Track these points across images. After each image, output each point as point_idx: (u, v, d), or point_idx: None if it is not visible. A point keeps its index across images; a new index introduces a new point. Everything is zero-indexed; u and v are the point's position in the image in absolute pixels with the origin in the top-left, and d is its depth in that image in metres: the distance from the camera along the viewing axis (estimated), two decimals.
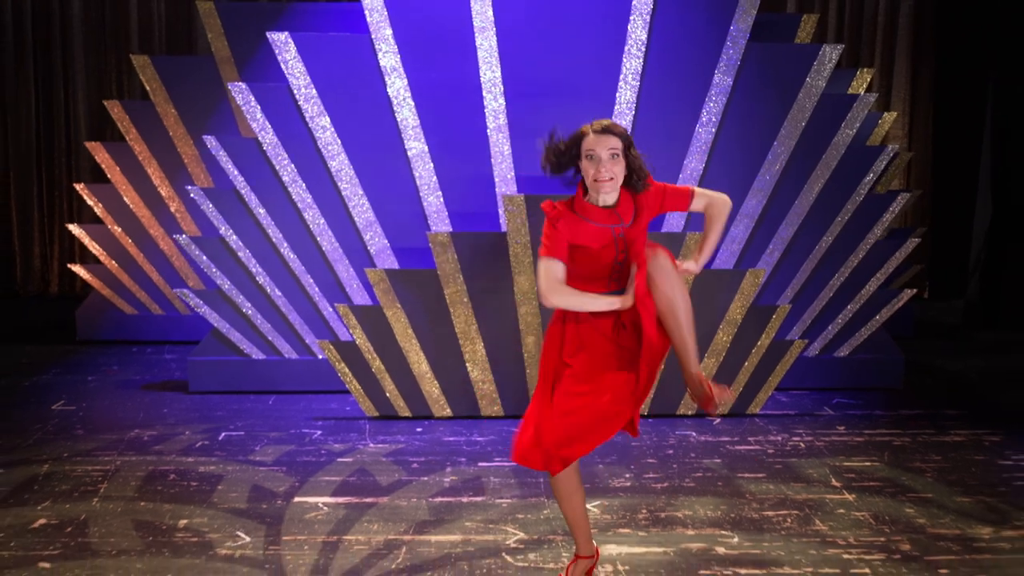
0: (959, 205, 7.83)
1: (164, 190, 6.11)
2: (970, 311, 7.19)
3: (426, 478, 3.81)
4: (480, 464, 3.99)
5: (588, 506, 3.22)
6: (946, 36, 8.04)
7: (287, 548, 3.13)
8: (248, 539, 3.20)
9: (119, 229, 6.10)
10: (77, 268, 6.26)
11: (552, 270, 2.59)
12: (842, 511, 3.49)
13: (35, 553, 3.07)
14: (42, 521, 3.32)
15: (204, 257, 4.95)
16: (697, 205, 2.79)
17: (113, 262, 6.16)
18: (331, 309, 5.02)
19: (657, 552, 3.13)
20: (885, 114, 6.03)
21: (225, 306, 5.03)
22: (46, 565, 2.99)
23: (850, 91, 5.45)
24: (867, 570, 3.01)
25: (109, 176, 6.05)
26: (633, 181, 2.64)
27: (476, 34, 4.77)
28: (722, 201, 2.79)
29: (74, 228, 6.23)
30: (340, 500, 3.56)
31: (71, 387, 5.15)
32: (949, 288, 8.03)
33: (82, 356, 5.89)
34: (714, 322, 4.65)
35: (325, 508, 3.48)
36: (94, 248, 6.16)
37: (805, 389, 5.17)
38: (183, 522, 3.34)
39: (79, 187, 6.14)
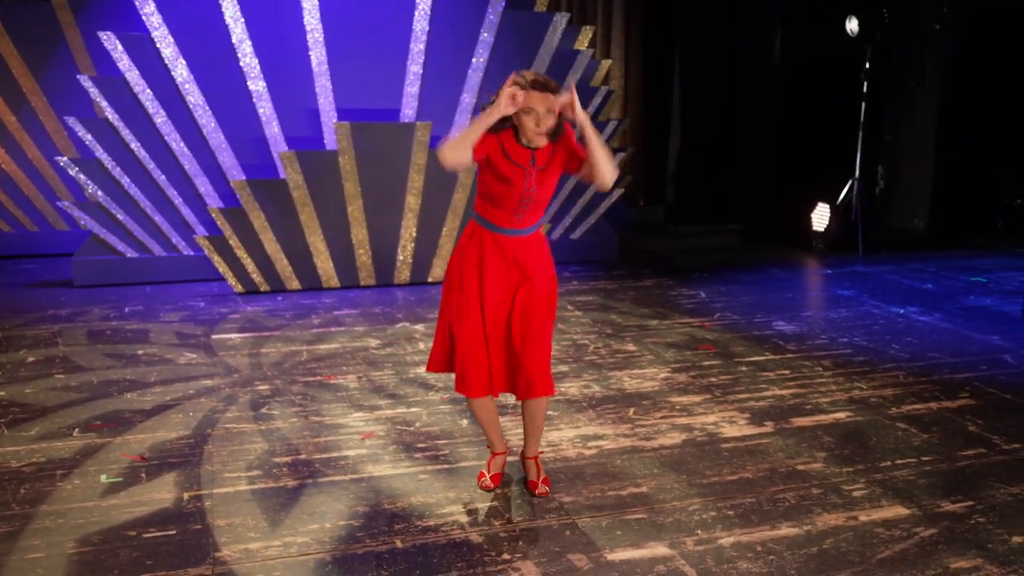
0: (661, 130, 10.63)
1: (8, 119, 7.19)
2: (667, 211, 10.04)
3: (300, 321, 5.69)
4: (334, 313, 5.92)
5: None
6: None
7: (225, 357, 4.91)
8: (195, 356, 4.93)
9: None
10: None
11: (451, 137, 2.94)
12: (573, 320, 5.84)
13: (46, 372, 4.60)
14: (32, 359, 4.82)
15: (82, 175, 6.31)
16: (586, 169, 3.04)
17: None
18: (193, 215, 6.60)
19: None
20: (603, 61, 8.45)
21: (102, 215, 6.43)
22: (60, 377, 4.55)
23: (577, 45, 7.77)
24: (587, 342, 5.35)
25: None
26: (555, 130, 3.01)
27: None
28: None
29: None
30: (247, 335, 5.35)
31: None
32: (656, 195, 10.90)
33: None
34: None
35: (238, 339, 5.26)
36: None
37: None
38: (140, 351, 4.99)
39: None
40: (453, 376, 3.28)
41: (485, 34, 6.92)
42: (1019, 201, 8.75)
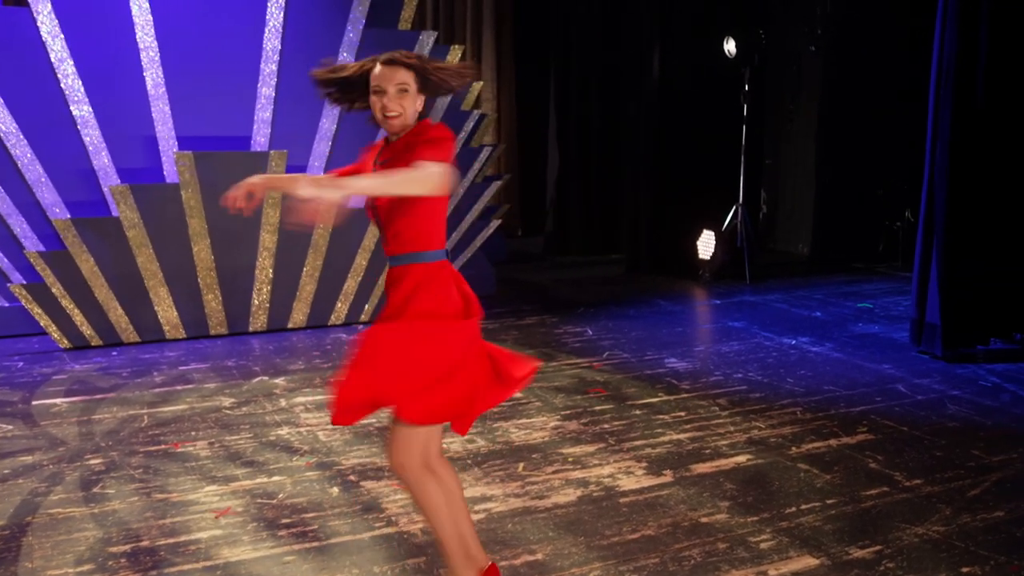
0: (537, 155, 10.74)
1: None
2: (548, 241, 10.10)
3: (140, 380, 5.32)
4: (180, 368, 5.57)
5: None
6: (522, 12, 10.85)
7: (49, 427, 4.51)
8: (11, 427, 4.51)
9: None
10: None
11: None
12: None
13: None
14: None
15: None
16: None
17: None
18: (6, 259, 6.10)
19: None
20: (475, 83, 8.44)
21: None
22: None
23: None
24: None
25: None
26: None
27: (131, 4, 6.12)
28: (420, 171, 2.43)
29: None
30: (75, 399, 4.95)
31: None
32: (535, 224, 10.97)
33: None
34: (351, 253, 6.64)
35: (65, 404, 4.86)
36: None
37: None
38: None
39: None
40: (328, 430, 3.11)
41: (344, 53, 6.77)
42: (898, 224, 9.26)
